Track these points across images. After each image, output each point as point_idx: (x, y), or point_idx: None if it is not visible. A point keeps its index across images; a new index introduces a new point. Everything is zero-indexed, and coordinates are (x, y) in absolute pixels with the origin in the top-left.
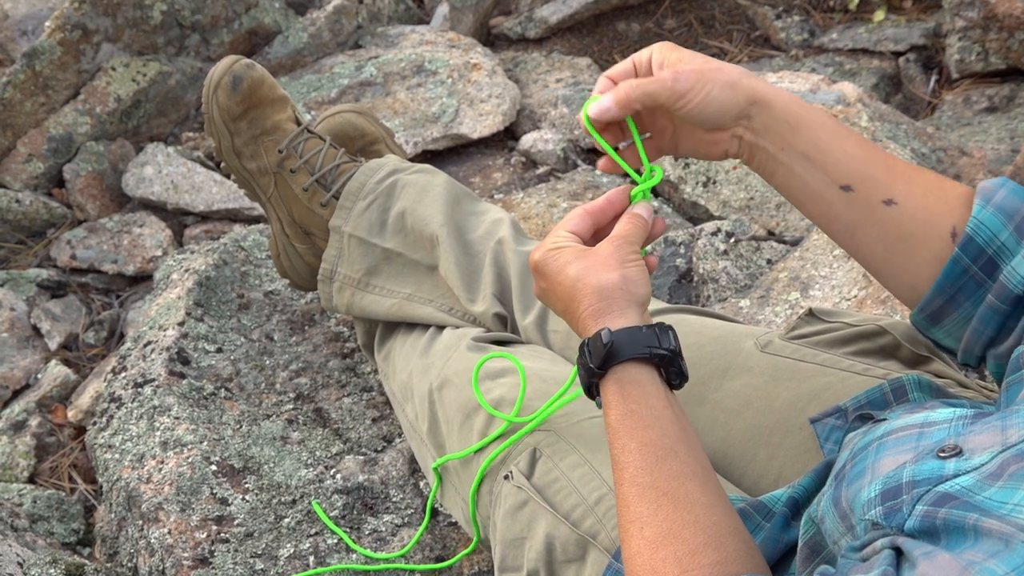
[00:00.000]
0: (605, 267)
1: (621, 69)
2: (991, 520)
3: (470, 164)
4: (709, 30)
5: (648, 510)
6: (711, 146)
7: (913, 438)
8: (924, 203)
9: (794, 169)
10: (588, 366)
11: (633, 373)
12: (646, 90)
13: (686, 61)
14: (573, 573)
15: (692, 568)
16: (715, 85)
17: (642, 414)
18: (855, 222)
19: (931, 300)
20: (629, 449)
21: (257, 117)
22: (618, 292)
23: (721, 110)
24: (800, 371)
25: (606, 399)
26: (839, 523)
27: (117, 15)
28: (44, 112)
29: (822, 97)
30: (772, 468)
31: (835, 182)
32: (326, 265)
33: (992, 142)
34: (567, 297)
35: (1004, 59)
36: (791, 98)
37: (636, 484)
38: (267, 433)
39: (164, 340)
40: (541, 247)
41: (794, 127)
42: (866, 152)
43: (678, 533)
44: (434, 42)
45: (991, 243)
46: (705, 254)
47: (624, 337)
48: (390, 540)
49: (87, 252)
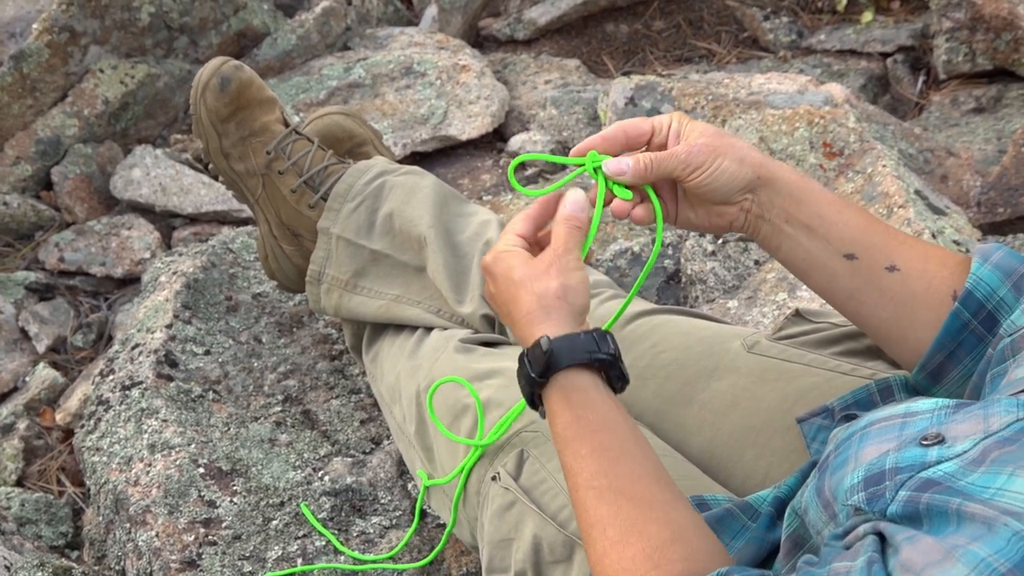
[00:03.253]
0: (546, 275)
1: (636, 130)
2: (974, 504)
3: (459, 166)
4: (697, 31)
5: (609, 511)
6: (717, 217)
7: (896, 427)
8: (925, 268)
9: (799, 240)
10: (529, 375)
11: (575, 379)
12: (661, 166)
13: (700, 135)
14: (560, 573)
15: (663, 563)
16: (725, 159)
17: (589, 419)
18: (858, 289)
19: (932, 356)
20: (581, 455)
21: (245, 119)
22: (556, 301)
23: (730, 184)
24: (787, 371)
25: (550, 408)
26: (822, 512)
27: (105, 17)
28: (32, 114)
29: (810, 98)
30: (759, 468)
31: (838, 251)
32: (314, 267)
33: (979, 143)
34: (509, 301)
35: (991, 60)
36: (793, 172)
37: (593, 488)
38: (255, 435)
39: (152, 343)
40: (493, 250)
41: (798, 200)
42: (867, 221)
43: (642, 530)
44: (423, 44)
45: (990, 298)
46: (693, 255)
47: (563, 344)
48: (378, 542)
49: (75, 255)
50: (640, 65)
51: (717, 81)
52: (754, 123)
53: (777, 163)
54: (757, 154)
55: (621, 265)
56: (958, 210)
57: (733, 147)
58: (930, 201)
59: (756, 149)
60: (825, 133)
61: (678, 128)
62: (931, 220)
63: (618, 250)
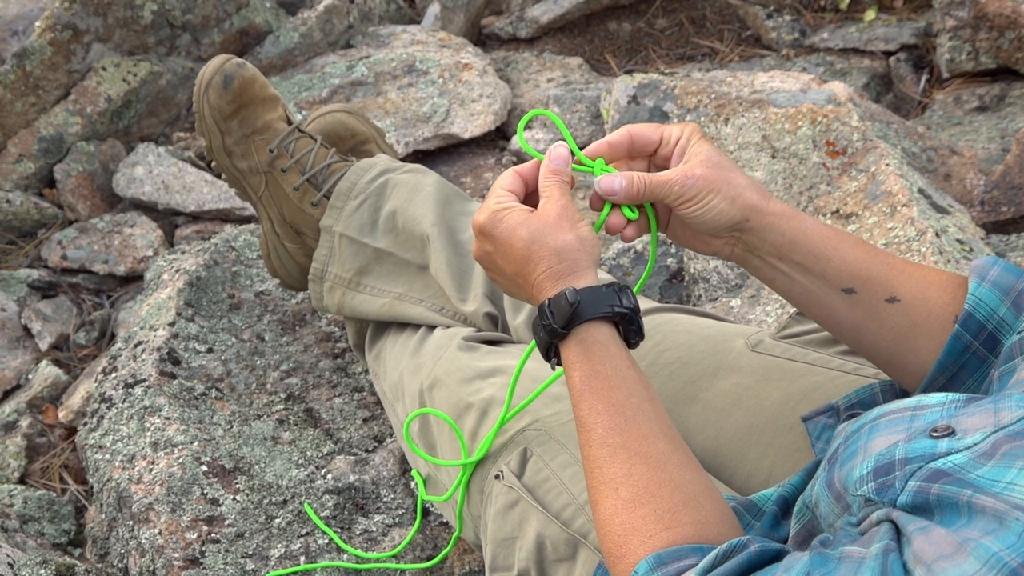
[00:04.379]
0: (558, 228)
1: (644, 139)
2: (985, 498)
3: (461, 164)
4: (700, 29)
5: (622, 470)
6: (703, 244)
7: (906, 420)
8: (925, 296)
9: (793, 277)
10: (551, 327)
11: (595, 333)
12: (654, 191)
13: (700, 163)
14: (564, 572)
15: (674, 526)
16: (716, 196)
17: (608, 374)
18: (859, 322)
19: (934, 379)
20: (597, 410)
21: (248, 116)
22: (576, 253)
23: (715, 220)
24: (790, 370)
25: (568, 360)
26: (834, 504)
27: (107, 15)
28: (35, 112)
29: (813, 96)
30: (763, 467)
31: (836, 287)
32: (317, 265)
33: (983, 141)
34: (520, 259)
35: (994, 58)
36: (787, 210)
37: (607, 445)
38: (258, 433)
39: (155, 340)
40: (484, 208)
41: (791, 240)
42: (864, 254)
43: (655, 492)
44: (425, 42)
45: (990, 318)
46: (696, 254)
47: (589, 296)
48: (381, 540)
49: (78, 252)
50: (643, 63)
51: (720, 79)
52: (757, 121)
53: (773, 203)
54: (753, 194)
55: (624, 263)
56: (961, 209)
57: (728, 184)
58: (933, 200)
59: (755, 186)
60: (828, 132)
61: (685, 145)
62: (934, 219)
63: (620, 248)
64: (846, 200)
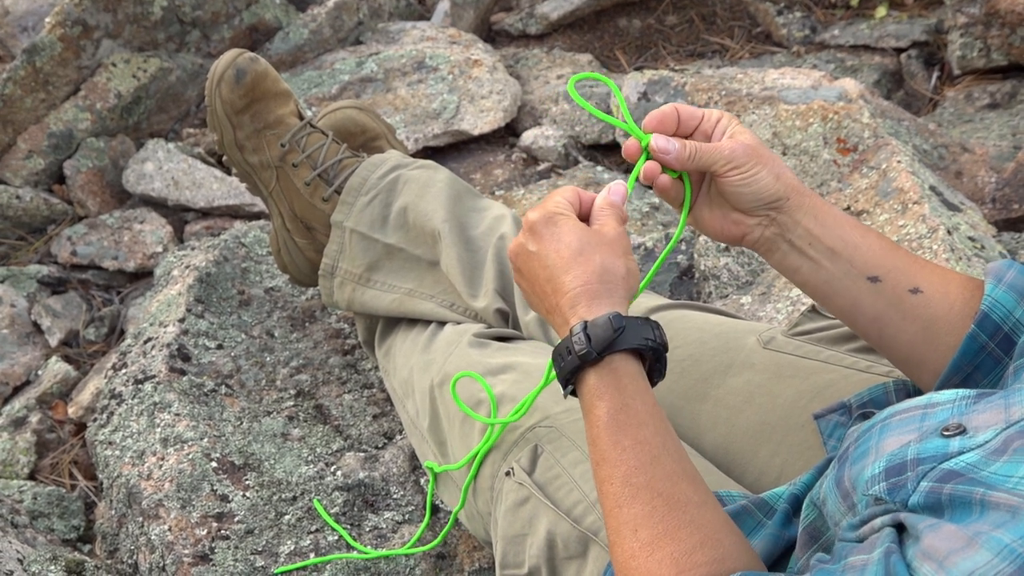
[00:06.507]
0: (611, 251)
1: (688, 115)
2: (998, 493)
3: (471, 160)
4: (710, 26)
5: (643, 511)
6: (732, 225)
7: (917, 419)
8: (946, 291)
9: (821, 263)
10: (587, 351)
11: (628, 365)
12: (704, 156)
13: (748, 137)
14: (574, 570)
15: (689, 568)
16: (764, 168)
17: (638, 409)
18: (882, 312)
19: (948, 379)
20: (623, 446)
21: (260, 111)
22: (619, 279)
23: (759, 193)
24: (803, 368)
25: (594, 389)
26: (841, 503)
27: (117, 11)
28: (44, 108)
29: (824, 93)
30: (774, 465)
31: (862, 273)
32: (327, 260)
33: (994, 139)
34: (560, 266)
35: (1006, 55)
36: (818, 196)
37: (630, 484)
38: (267, 430)
39: (165, 336)
40: (541, 207)
41: (822, 223)
42: (888, 245)
43: (674, 534)
44: (435, 38)
45: (1007, 320)
46: (706, 251)
47: (631, 324)
48: (391, 537)
49: (87, 248)
50: (653, 60)
51: (730, 76)
52: (768, 118)
53: (805, 187)
54: (793, 176)
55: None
56: (973, 206)
57: (774, 161)
58: (945, 197)
59: (790, 171)
60: (839, 128)
61: (726, 126)
62: (946, 216)
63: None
64: (857, 197)
